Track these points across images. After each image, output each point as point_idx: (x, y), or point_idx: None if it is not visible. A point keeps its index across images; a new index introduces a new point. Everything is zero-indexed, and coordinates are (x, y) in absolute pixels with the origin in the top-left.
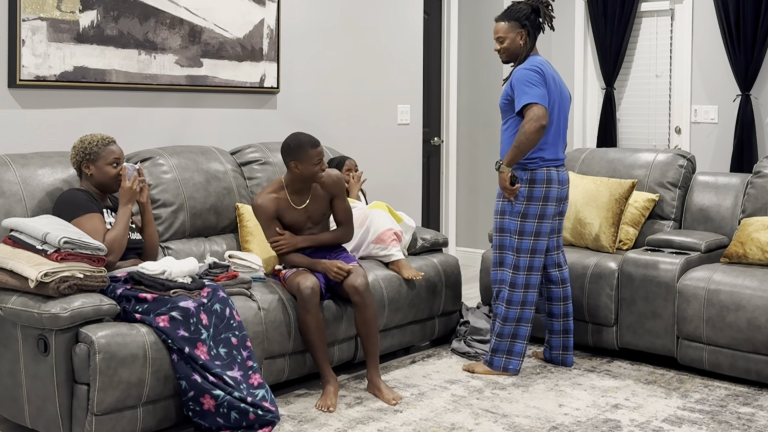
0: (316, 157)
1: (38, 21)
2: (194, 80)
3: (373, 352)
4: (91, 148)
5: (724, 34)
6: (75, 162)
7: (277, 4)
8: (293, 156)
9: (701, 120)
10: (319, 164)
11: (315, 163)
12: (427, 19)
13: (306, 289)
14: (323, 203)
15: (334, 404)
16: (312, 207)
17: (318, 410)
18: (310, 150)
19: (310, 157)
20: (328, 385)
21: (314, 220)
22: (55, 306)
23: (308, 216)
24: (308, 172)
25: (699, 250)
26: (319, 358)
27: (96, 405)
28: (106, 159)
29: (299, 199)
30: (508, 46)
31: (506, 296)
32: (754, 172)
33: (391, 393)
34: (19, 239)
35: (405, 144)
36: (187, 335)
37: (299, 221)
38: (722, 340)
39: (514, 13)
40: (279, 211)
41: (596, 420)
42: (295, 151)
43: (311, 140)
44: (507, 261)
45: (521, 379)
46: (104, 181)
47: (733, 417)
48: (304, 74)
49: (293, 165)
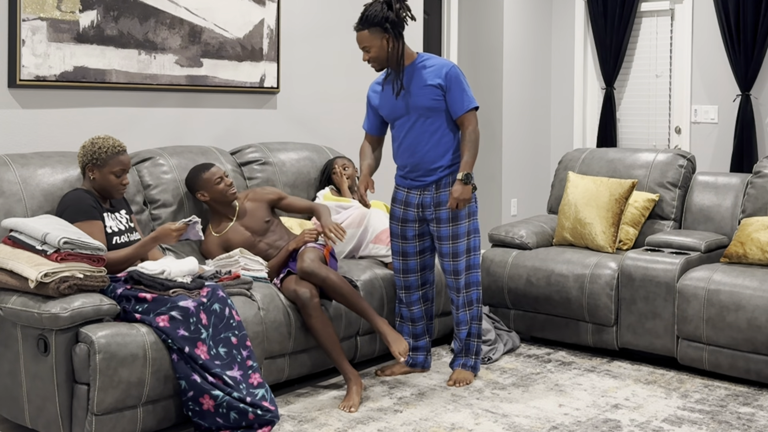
0: (213, 178)
1: (38, 21)
2: (194, 80)
3: (364, 306)
4: (100, 154)
5: (724, 34)
6: (81, 162)
7: (277, 4)
8: (195, 187)
9: (701, 120)
10: (220, 183)
11: (216, 183)
12: (427, 19)
13: (304, 294)
14: (259, 214)
15: (356, 404)
16: (247, 222)
17: (341, 410)
18: (204, 174)
19: (208, 181)
20: (350, 383)
21: (259, 232)
22: (55, 306)
23: (251, 232)
24: (216, 193)
25: (699, 250)
26: (335, 357)
27: (96, 405)
28: (112, 167)
29: (226, 224)
30: (376, 54)
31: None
32: (754, 172)
33: (401, 345)
34: (18, 239)
35: None
36: (187, 335)
37: (245, 240)
38: (722, 340)
39: (371, 19)
40: (222, 245)
41: (596, 420)
42: (194, 183)
43: (202, 166)
44: (477, 262)
45: (521, 379)
46: (105, 187)
47: (733, 417)
48: (304, 74)
49: (201, 195)
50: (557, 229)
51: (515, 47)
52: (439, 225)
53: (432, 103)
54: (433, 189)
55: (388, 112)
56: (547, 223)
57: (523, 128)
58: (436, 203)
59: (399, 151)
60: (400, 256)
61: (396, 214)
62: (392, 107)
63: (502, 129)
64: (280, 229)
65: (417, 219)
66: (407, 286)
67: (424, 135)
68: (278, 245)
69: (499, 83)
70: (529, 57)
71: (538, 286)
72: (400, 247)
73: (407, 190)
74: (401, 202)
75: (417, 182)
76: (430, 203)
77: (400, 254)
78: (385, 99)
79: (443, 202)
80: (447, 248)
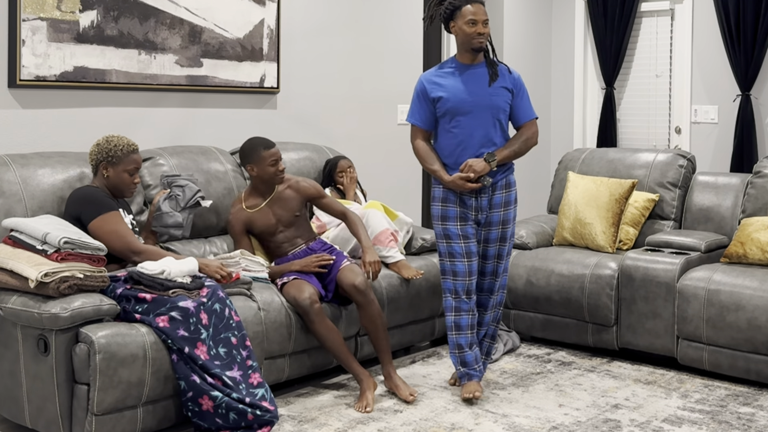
0: (269, 158)
1: (38, 21)
2: (194, 80)
3: (385, 348)
4: (115, 152)
5: (724, 34)
6: (95, 159)
7: (277, 4)
8: (248, 159)
9: (701, 120)
10: (275, 164)
11: (270, 164)
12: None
13: (304, 301)
14: (292, 204)
15: (370, 403)
16: (278, 208)
17: (356, 411)
18: (263, 151)
19: (264, 158)
20: (362, 384)
21: (285, 222)
22: (55, 306)
23: (277, 219)
24: (265, 173)
25: (699, 250)
26: (344, 360)
27: (96, 405)
28: (126, 165)
29: (260, 202)
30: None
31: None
32: (754, 172)
33: (408, 389)
34: (19, 239)
35: (405, 144)
36: (187, 335)
37: (269, 226)
38: (722, 340)
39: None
40: (247, 222)
41: (596, 420)
42: (250, 155)
43: (264, 142)
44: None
45: (521, 380)
46: (118, 185)
47: (733, 417)
48: (304, 74)
49: (250, 168)
50: (557, 229)
51: (515, 47)
52: (488, 227)
53: (504, 105)
54: (490, 191)
55: (455, 105)
56: (547, 223)
57: None
58: (491, 205)
59: (458, 148)
60: (463, 258)
61: (451, 214)
62: (461, 101)
63: None
64: (304, 227)
65: (474, 219)
66: (469, 290)
67: (488, 134)
68: (296, 242)
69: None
70: (529, 57)
71: (538, 286)
72: (463, 248)
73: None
74: (455, 201)
75: (471, 182)
76: (486, 206)
77: (464, 255)
78: (454, 91)
79: (496, 205)
80: (494, 250)
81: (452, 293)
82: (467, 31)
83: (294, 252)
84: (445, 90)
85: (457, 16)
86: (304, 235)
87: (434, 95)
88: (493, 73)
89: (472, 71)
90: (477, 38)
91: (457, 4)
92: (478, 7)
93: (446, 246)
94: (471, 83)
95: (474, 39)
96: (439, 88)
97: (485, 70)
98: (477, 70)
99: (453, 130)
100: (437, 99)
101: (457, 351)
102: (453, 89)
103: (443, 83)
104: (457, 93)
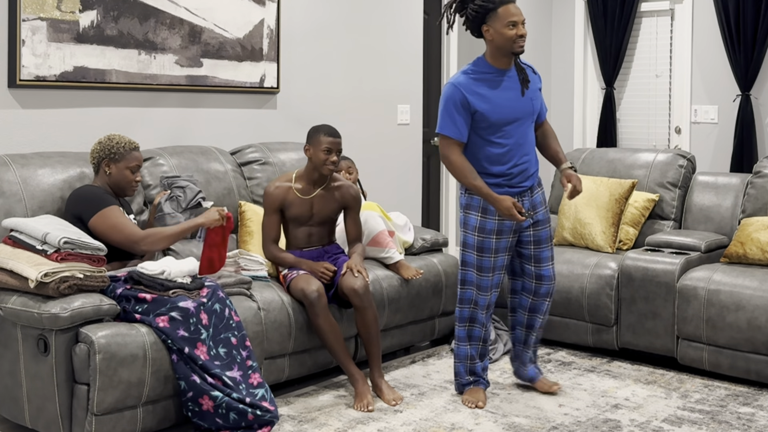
0: (325, 144)
1: (38, 21)
2: (194, 80)
3: (375, 353)
4: (118, 149)
5: (724, 34)
6: (96, 157)
7: (277, 4)
8: (309, 139)
9: (701, 120)
10: (328, 153)
11: (324, 150)
12: (427, 19)
13: (312, 294)
14: (333, 206)
15: (370, 401)
16: (319, 204)
17: (358, 411)
18: (322, 136)
19: (320, 143)
20: (358, 384)
21: (318, 219)
22: (55, 306)
23: (313, 213)
24: (316, 157)
25: (699, 250)
26: (341, 359)
27: (96, 405)
28: (129, 163)
29: (309, 190)
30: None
31: None
32: (754, 172)
33: (392, 393)
34: (19, 239)
35: (405, 144)
36: (187, 335)
37: (303, 216)
38: (722, 340)
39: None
40: (285, 202)
41: (596, 420)
42: (312, 135)
43: (328, 129)
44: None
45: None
46: (120, 182)
47: (733, 417)
48: (304, 74)
49: (307, 148)
50: (557, 229)
51: None
52: (537, 228)
53: (539, 106)
54: (529, 193)
55: (502, 116)
56: None
57: None
58: (533, 206)
59: (506, 157)
60: (490, 272)
61: (488, 227)
62: (507, 111)
63: None
64: (330, 230)
65: (513, 229)
66: (489, 305)
67: (529, 138)
68: (316, 241)
69: None
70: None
71: None
72: (492, 262)
73: None
74: (495, 213)
75: (516, 189)
76: (528, 207)
77: (492, 270)
78: (499, 101)
79: (538, 204)
80: (548, 251)
81: (472, 305)
82: (507, 35)
83: (309, 249)
84: (488, 102)
85: (493, 19)
86: (325, 238)
87: (477, 107)
88: (524, 79)
89: (509, 76)
90: (518, 41)
91: (491, 5)
92: (515, 7)
93: (476, 258)
94: (512, 90)
95: (515, 43)
96: (482, 99)
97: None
98: (513, 74)
99: (499, 141)
100: (480, 111)
101: (469, 361)
102: (497, 99)
103: (485, 93)
104: (501, 104)
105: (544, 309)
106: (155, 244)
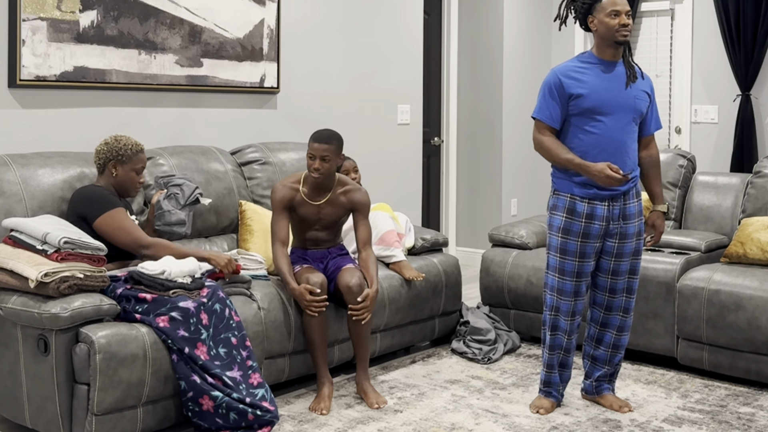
0: (310, 149)
1: (38, 21)
2: (194, 80)
3: (363, 355)
4: (125, 150)
5: (724, 34)
6: (102, 157)
7: (277, 4)
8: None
9: (701, 120)
10: (312, 159)
11: (309, 155)
12: (427, 19)
13: (315, 283)
14: (340, 211)
15: (327, 407)
16: (326, 210)
17: (311, 412)
18: (311, 141)
19: (308, 147)
20: (324, 388)
21: (325, 223)
22: (55, 306)
23: (320, 216)
24: (307, 162)
25: (699, 250)
26: (318, 358)
27: (96, 405)
28: (135, 164)
29: (315, 196)
30: None
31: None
32: (754, 172)
33: (377, 396)
34: (19, 239)
35: (405, 144)
36: (187, 335)
37: (310, 218)
38: (722, 340)
39: None
40: (293, 202)
41: (596, 420)
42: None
43: (318, 134)
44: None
45: (521, 379)
46: (125, 183)
47: (733, 417)
48: (304, 74)
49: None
50: None
51: (515, 47)
52: (623, 240)
53: (644, 109)
54: (622, 200)
55: (596, 103)
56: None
57: (523, 128)
58: (623, 216)
59: (593, 150)
60: (574, 277)
61: (574, 229)
62: (603, 99)
63: (502, 129)
64: (336, 232)
65: (600, 234)
66: (574, 312)
67: (628, 139)
68: (321, 243)
69: (499, 83)
70: (529, 57)
71: (539, 286)
72: (576, 267)
73: (588, 200)
74: (582, 214)
75: (607, 191)
76: (618, 215)
77: (575, 275)
78: (595, 88)
79: (630, 215)
80: (626, 265)
81: (553, 310)
82: (610, 24)
83: (313, 250)
84: (585, 86)
85: (597, 9)
86: (330, 240)
87: (572, 91)
88: (631, 74)
89: (613, 68)
90: (621, 30)
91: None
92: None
93: (559, 261)
94: (613, 81)
95: (618, 32)
96: (578, 84)
97: (624, 69)
98: (619, 68)
99: (590, 130)
100: (575, 96)
101: (546, 369)
102: (594, 86)
103: (583, 79)
104: (599, 91)
105: (626, 327)
106: (160, 253)
